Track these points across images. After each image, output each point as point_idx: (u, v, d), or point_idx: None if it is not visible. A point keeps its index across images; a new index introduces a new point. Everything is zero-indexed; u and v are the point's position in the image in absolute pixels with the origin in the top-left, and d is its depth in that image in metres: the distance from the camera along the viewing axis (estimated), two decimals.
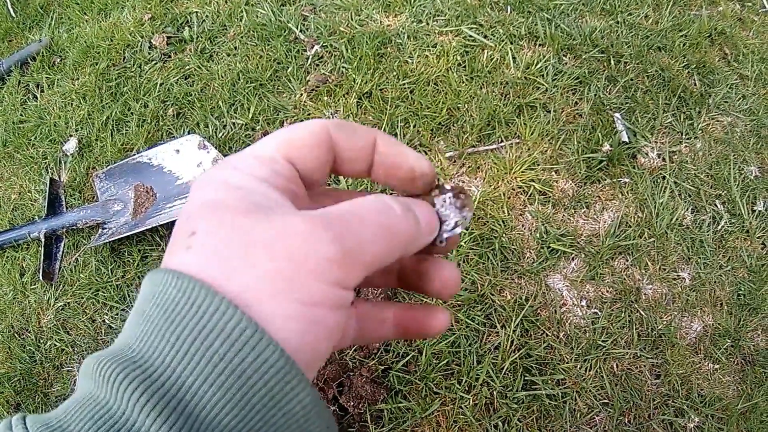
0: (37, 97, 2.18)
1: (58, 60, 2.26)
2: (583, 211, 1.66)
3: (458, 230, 0.33)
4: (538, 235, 1.60)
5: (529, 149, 1.73)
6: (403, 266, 0.36)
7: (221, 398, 0.23)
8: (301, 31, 2.03)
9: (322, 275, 0.25)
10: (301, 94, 1.88)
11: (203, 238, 0.25)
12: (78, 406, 0.24)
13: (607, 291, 1.56)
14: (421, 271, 0.35)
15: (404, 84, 1.84)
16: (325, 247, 0.25)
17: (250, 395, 0.23)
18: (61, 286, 1.74)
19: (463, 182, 1.70)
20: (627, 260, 1.61)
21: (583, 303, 1.54)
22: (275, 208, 0.27)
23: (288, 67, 1.95)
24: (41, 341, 1.68)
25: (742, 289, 1.61)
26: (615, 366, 1.48)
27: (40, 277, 1.72)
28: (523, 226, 1.62)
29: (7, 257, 1.85)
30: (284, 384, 0.24)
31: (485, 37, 1.94)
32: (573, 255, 1.59)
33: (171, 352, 0.24)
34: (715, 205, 1.73)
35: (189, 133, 1.81)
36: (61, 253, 1.81)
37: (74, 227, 1.79)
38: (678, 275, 1.61)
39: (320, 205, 0.29)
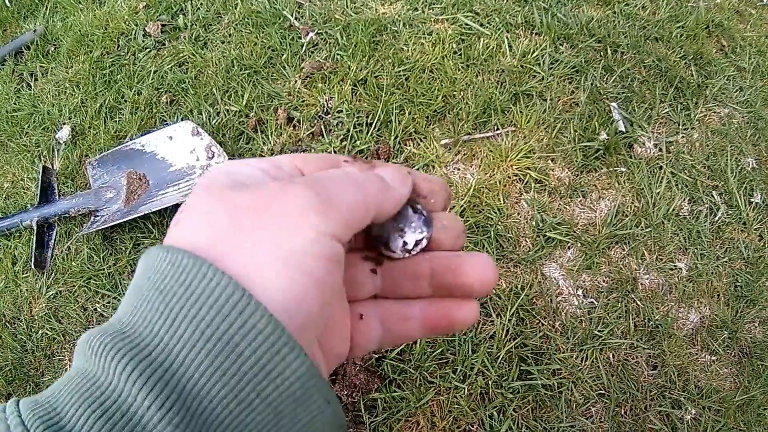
0: (30, 86, 2.17)
1: (53, 48, 2.25)
2: (579, 199, 1.65)
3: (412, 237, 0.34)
4: (534, 223, 1.59)
5: (525, 137, 1.71)
6: (434, 268, 0.34)
7: (209, 366, 0.22)
8: (296, 18, 2.02)
9: (301, 222, 0.25)
10: (296, 81, 1.87)
11: (190, 212, 0.26)
12: (68, 382, 0.24)
13: (604, 280, 1.55)
14: (453, 267, 0.34)
15: (399, 71, 1.83)
16: (300, 194, 0.26)
17: (239, 364, 0.22)
18: (53, 274, 1.73)
19: (459, 170, 1.69)
20: (623, 250, 1.59)
21: (579, 292, 1.53)
22: (260, 182, 0.28)
23: (282, 54, 1.94)
24: (33, 330, 1.66)
25: (740, 280, 1.60)
26: (611, 356, 1.46)
27: (32, 266, 1.71)
28: (518, 214, 1.61)
29: None
30: (274, 352, 0.23)
31: (481, 25, 1.93)
32: (569, 244, 1.58)
33: (159, 322, 0.23)
34: (712, 196, 1.72)
35: (182, 120, 1.80)
36: (53, 241, 1.80)
37: (66, 215, 1.78)
38: (675, 266, 1.59)
39: None
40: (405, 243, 0.34)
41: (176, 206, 1.60)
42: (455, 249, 0.35)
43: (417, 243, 0.34)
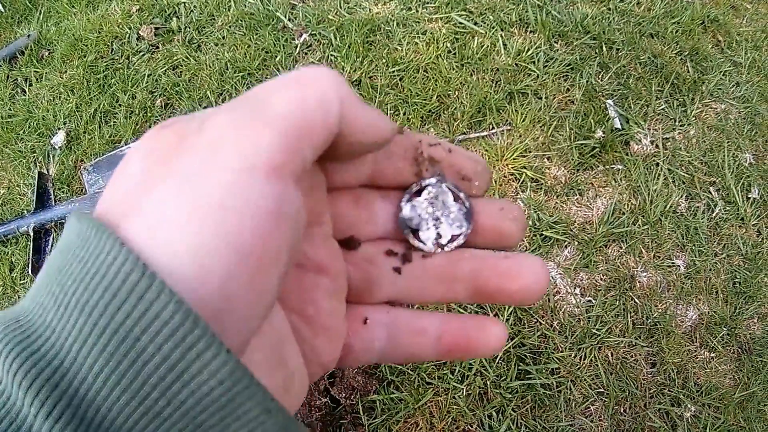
0: (25, 91, 2.16)
1: (47, 53, 2.24)
2: (575, 198, 1.64)
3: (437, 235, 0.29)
4: (530, 222, 1.58)
5: (520, 136, 1.71)
6: (476, 270, 0.28)
7: (104, 366, 0.18)
8: (289, 19, 2.02)
9: (215, 160, 0.19)
10: None
11: (122, 165, 0.21)
12: None
13: (601, 279, 1.54)
14: (502, 270, 0.28)
15: (394, 72, 1.83)
16: (221, 121, 0.20)
17: (142, 363, 0.18)
18: None
19: None
20: (621, 248, 1.59)
21: (577, 291, 1.52)
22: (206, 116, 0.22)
23: (276, 56, 1.93)
24: None
25: (738, 276, 1.60)
26: (610, 355, 1.46)
27: (30, 272, 1.71)
28: None
29: None
30: (186, 349, 0.18)
31: (475, 23, 1.93)
32: (566, 242, 1.57)
33: (53, 309, 0.19)
34: (710, 192, 1.71)
35: None
36: (50, 247, 1.80)
37: (63, 221, 1.78)
38: (673, 263, 1.59)
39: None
40: (439, 235, 0.29)
41: None
42: (518, 243, 0.30)
43: (453, 238, 0.29)
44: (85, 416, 0.18)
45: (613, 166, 1.70)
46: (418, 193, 0.29)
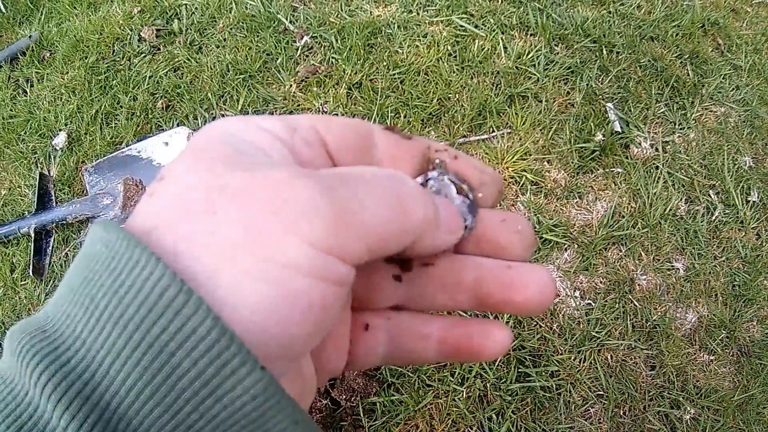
0: (26, 92, 2.16)
1: (48, 54, 2.24)
2: (575, 201, 1.65)
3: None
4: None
5: (520, 139, 1.71)
6: (480, 279, 0.27)
7: (138, 380, 0.18)
8: (290, 22, 2.02)
9: (304, 232, 0.20)
10: (291, 85, 1.87)
11: (167, 183, 0.21)
12: None
13: (601, 282, 1.55)
14: (507, 281, 0.27)
15: (394, 74, 1.83)
16: (312, 196, 0.20)
17: (176, 378, 0.18)
18: (51, 281, 1.73)
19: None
20: (620, 251, 1.59)
21: (577, 294, 1.53)
22: (267, 161, 0.22)
23: (277, 59, 1.94)
24: None
25: (737, 279, 1.60)
26: (609, 357, 1.46)
27: (30, 273, 1.71)
28: None
29: None
30: (221, 365, 0.18)
31: (476, 26, 1.93)
32: (566, 245, 1.58)
33: (83, 320, 0.19)
34: (709, 195, 1.71)
35: (178, 126, 1.80)
36: (51, 248, 1.80)
37: (64, 222, 1.78)
38: (672, 266, 1.59)
39: None
40: None
41: None
42: (523, 259, 0.28)
43: None
44: (116, 430, 0.18)
45: (612, 169, 1.70)
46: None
